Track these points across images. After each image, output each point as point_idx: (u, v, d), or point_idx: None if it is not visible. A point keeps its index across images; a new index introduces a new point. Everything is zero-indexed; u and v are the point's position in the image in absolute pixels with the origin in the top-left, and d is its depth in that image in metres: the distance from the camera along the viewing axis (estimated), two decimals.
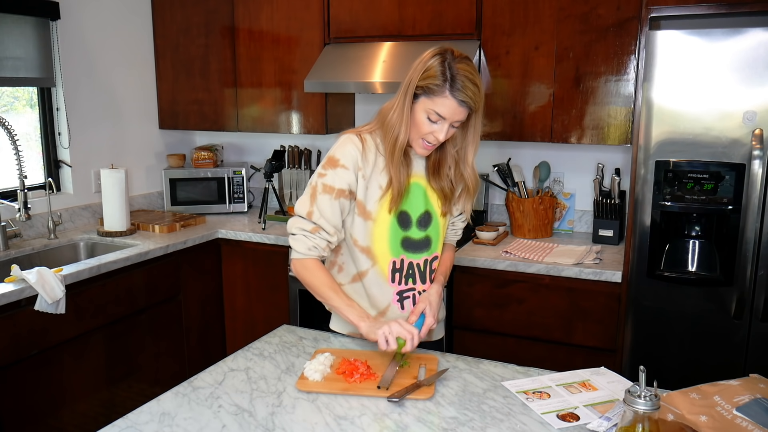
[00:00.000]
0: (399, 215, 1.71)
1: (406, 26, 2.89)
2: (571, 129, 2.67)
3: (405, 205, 1.71)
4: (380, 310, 1.77)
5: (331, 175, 1.66)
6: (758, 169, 2.07)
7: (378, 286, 1.75)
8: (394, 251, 1.73)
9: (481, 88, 1.60)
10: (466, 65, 1.58)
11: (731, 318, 2.20)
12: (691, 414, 1.23)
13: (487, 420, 1.37)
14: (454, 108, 1.58)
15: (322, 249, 1.68)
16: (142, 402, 1.44)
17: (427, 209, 1.74)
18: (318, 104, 3.16)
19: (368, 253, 1.73)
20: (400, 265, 1.74)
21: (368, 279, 1.75)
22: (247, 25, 3.23)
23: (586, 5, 2.56)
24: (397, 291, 1.76)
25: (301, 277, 1.70)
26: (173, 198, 3.44)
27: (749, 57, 2.07)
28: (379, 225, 1.70)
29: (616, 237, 2.82)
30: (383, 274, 1.74)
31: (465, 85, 1.56)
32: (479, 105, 1.61)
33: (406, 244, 1.73)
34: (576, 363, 2.19)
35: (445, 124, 1.60)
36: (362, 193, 1.68)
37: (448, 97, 1.56)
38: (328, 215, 1.66)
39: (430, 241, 1.76)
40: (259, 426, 1.33)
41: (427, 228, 1.75)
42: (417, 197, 1.73)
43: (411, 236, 1.73)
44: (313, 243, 1.67)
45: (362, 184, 1.68)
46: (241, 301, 3.18)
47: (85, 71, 3.11)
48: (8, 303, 2.15)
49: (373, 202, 1.69)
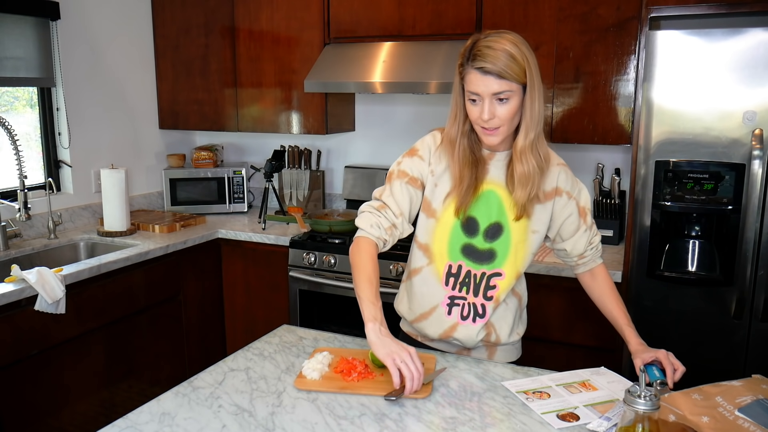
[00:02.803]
0: (466, 220, 1.62)
1: (406, 26, 2.89)
2: (571, 129, 2.67)
3: (474, 211, 1.61)
4: (426, 311, 1.70)
5: (406, 162, 1.65)
6: (758, 169, 2.07)
7: (431, 285, 1.67)
8: (453, 255, 1.64)
9: (514, 53, 1.45)
10: (494, 36, 1.47)
11: (731, 318, 2.20)
12: (693, 414, 1.23)
13: (487, 420, 1.37)
14: (479, 79, 1.46)
15: (384, 229, 1.61)
16: (142, 402, 1.44)
17: (499, 221, 1.61)
18: (318, 104, 3.16)
19: (426, 251, 1.67)
20: (456, 270, 1.65)
21: (420, 276, 1.69)
22: (247, 25, 3.23)
23: (586, 5, 2.56)
24: (449, 295, 1.66)
25: (351, 255, 1.61)
26: (173, 198, 3.44)
27: (749, 57, 2.07)
28: (442, 225, 1.64)
29: (616, 237, 2.82)
30: (438, 274, 1.66)
31: (484, 53, 1.45)
32: (512, 72, 1.45)
33: (467, 251, 1.64)
34: (576, 363, 2.18)
35: (484, 101, 1.48)
36: (430, 189, 1.64)
37: (470, 70, 1.48)
38: (398, 197, 1.63)
39: (494, 255, 1.63)
40: (259, 426, 1.33)
41: (494, 240, 1.62)
42: (489, 205, 1.61)
43: (475, 245, 1.63)
44: (377, 220, 1.62)
45: (431, 180, 1.64)
46: (241, 301, 3.18)
47: (85, 71, 3.11)
48: (8, 303, 2.14)
49: (439, 201, 1.63)
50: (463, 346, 1.74)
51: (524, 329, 1.81)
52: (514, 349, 1.79)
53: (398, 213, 1.63)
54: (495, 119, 1.49)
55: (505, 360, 1.75)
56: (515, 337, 1.76)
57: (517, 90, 1.48)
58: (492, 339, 1.72)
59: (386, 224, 1.62)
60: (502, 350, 1.76)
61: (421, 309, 1.71)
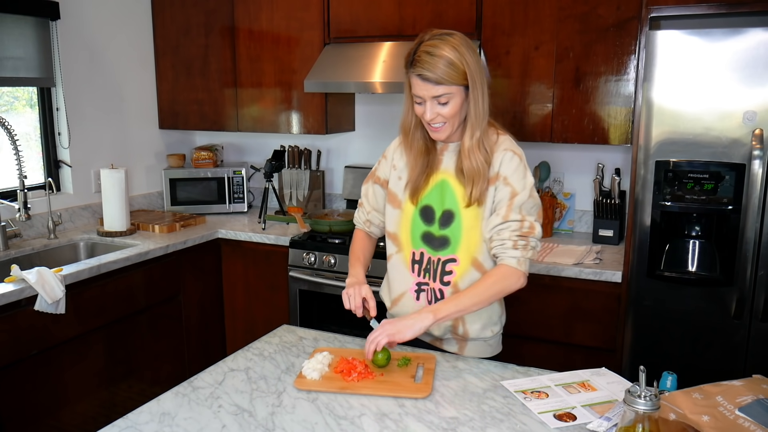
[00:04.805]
0: (423, 209, 1.74)
1: (406, 26, 2.89)
2: (571, 129, 2.67)
3: (429, 200, 1.73)
4: (397, 296, 1.81)
5: (377, 165, 1.88)
6: (758, 169, 2.07)
7: (400, 271, 1.80)
8: (415, 243, 1.76)
9: (452, 58, 1.53)
10: (435, 40, 1.56)
11: (731, 318, 2.20)
12: (694, 414, 1.23)
13: (487, 420, 1.37)
14: (420, 84, 1.58)
15: (362, 222, 1.91)
16: (142, 402, 1.44)
17: (451, 208, 1.70)
18: (318, 104, 3.16)
19: (394, 240, 1.81)
20: (419, 257, 1.76)
21: (392, 263, 1.82)
22: (247, 25, 3.23)
23: (586, 5, 2.56)
24: (416, 282, 1.77)
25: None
26: (173, 198, 3.44)
27: (749, 57, 2.07)
28: (405, 215, 1.77)
29: (616, 237, 2.82)
30: (405, 261, 1.78)
31: (423, 60, 1.55)
32: (451, 78, 1.54)
33: (426, 239, 1.74)
34: (576, 363, 2.19)
35: (426, 103, 1.59)
36: (394, 182, 1.80)
37: (410, 75, 1.59)
38: (370, 197, 1.88)
39: (448, 242, 1.71)
40: (259, 426, 1.33)
41: (447, 227, 1.71)
42: (442, 194, 1.71)
43: (432, 232, 1.73)
44: (357, 215, 1.93)
45: (394, 174, 1.80)
46: (241, 301, 3.18)
47: (85, 71, 3.11)
48: (8, 303, 2.14)
49: (402, 192, 1.77)
50: (433, 336, 1.79)
51: (501, 327, 1.84)
52: (486, 345, 1.81)
53: (369, 210, 1.89)
54: (438, 118, 1.61)
55: (477, 356, 1.77)
56: (488, 333, 1.79)
57: (458, 91, 1.58)
58: (459, 332, 1.75)
59: (361, 219, 1.91)
60: (473, 345, 1.79)
61: (395, 294, 1.83)
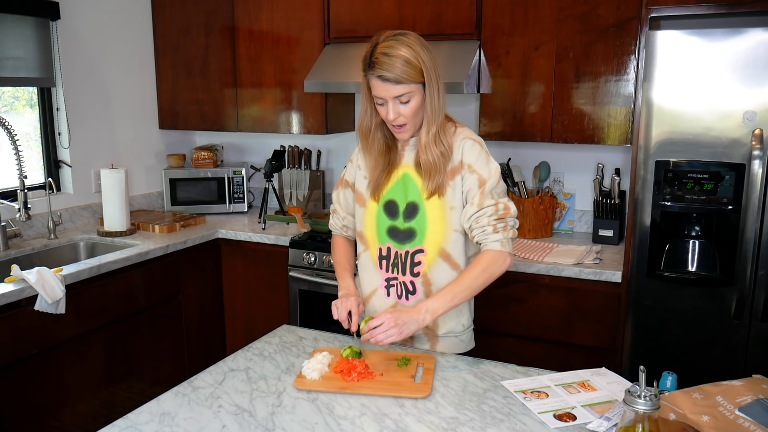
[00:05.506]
0: (386, 204, 1.77)
1: (406, 26, 2.88)
2: (571, 129, 2.67)
3: (392, 194, 1.76)
4: (368, 294, 1.84)
5: (345, 170, 1.92)
6: (758, 169, 2.07)
7: (369, 270, 1.83)
8: (381, 239, 1.79)
9: (409, 57, 1.57)
10: (391, 41, 1.59)
11: (731, 318, 2.20)
12: (693, 414, 1.23)
13: (487, 420, 1.37)
14: (380, 86, 1.60)
15: (339, 228, 1.95)
16: (142, 402, 1.44)
17: (414, 200, 1.73)
18: (318, 104, 3.16)
19: (362, 238, 1.84)
20: (386, 252, 1.79)
21: (362, 262, 1.85)
22: (247, 25, 3.23)
23: (586, 5, 2.56)
24: (385, 278, 1.80)
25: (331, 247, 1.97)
26: (173, 198, 3.44)
27: (749, 57, 2.07)
28: (369, 212, 1.80)
29: (616, 237, 2.82)
30: (373, 259, 1.82)
31: (381, 62, 1.57)
32: (409, 76, 1.57)
33: (392, 233, 1.77)
34: (576, 363, 2.19)
35: (388, 103, 1.62)
36: (360, 182, 1.83)
37: (370, 77, 1.62)
38: (342, 202, 1.92)
39: (414, 233, 1.74)
40: (259, 426, 1.33)
41: (412, 219, 1.73)
42: (405, 187, 1.74)
43: (397, 226, 1.76)
44: (333, 221, 1.96)
45: (359, 174, 1.83)
46: (241, 301, 3.18)
47: (85, 71, 3.11)
48: (8, 303, 2.15)
49: (365, 190, 1.80)
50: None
51: (471, 320, 1.86)
52: (458, 340, 1.81)
53: (343, 215, 1.92)
54: (400, 117, 1.65)
55: (450, 352, 1.78)
56: (459, 327, 1.80)
57: (417, 89, 1.62)
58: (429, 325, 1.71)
59: (338, 224, 1.95)
60: (444, 341, 1.80)
61: (366, 292, 1.86)
